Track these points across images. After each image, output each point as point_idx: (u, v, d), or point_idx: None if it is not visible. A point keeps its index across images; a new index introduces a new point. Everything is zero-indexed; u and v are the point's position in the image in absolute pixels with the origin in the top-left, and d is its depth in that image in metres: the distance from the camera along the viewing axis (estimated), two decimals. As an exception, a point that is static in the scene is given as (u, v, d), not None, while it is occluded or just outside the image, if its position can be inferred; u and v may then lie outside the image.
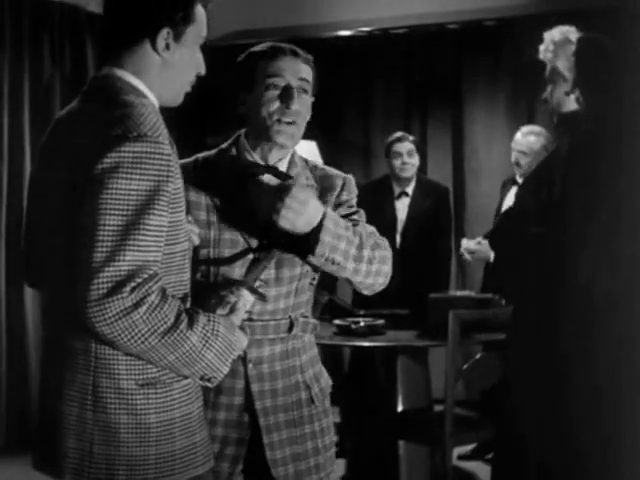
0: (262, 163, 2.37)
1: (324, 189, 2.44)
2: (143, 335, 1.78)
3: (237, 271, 2.31)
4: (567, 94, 3.12)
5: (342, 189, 2.45)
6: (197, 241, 2.20)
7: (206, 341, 1.87)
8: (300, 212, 2.18)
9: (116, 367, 1.86)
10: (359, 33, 7.05)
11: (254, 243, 2.32)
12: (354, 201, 2.48)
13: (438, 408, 4.39)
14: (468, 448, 5.20)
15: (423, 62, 7.01)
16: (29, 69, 5.94)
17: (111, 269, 1.75)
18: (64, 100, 5.96)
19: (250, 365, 2.35)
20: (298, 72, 2.33)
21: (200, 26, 2.01)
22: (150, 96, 1.97)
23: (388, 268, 2.40)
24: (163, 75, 1.98)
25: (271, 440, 2.36)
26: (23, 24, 5.89)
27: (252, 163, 2.36)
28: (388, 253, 2.41)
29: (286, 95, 2.30)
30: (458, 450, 4.96)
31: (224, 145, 2.44)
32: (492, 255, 5.25)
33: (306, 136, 2.62)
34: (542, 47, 3.22)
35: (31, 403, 5.75)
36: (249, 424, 2.36)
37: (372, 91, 7.15)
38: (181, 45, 1.98)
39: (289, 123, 2.32)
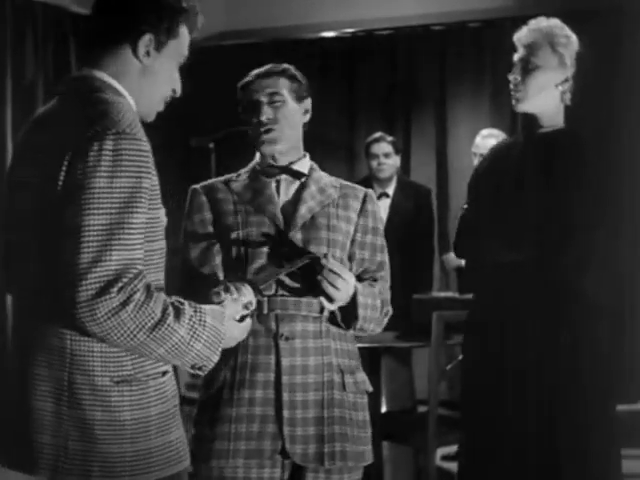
0: (277, 165, 2.60)
1: (345, 197, 2.60)
2: (132, 332, 1.80)
3: (264, 254, 2.46)
4: (556, 85, 2.93)
5: (364, 205, 2.60)
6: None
7: (194, 332, 1.89)
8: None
9: (91, 364, 1.87)
10: (343, 34, 7.06)
11: (279, 221, 2.50)
12: (381, 230, 2.63)
13: (422, 409, 4.41)
14: (452, 449, 5.21)
15: (407, 63, 7.01)
16: (12, 70, 5.90)
17: (99, 269, 1.77)
18: (47, 101, 5.91)
19: (282, 339, 2.43)
20: (265, 88, 2.57)
21: (183, 45, 2.05)
22: (128, 97, 1.98)
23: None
24: (141, 82, 2.00)
25: (293, 416, 2.41)
26: (6, 24, 5.85)
27: (270, 165, 2.61)
28: (388, 294, 2.61)
29: (256, 111, 2.57)
30: (442, 451, 4.97)
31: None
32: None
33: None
34: (534, 27, 2.97)
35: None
36: None
37: (356, 92, 7.14)
38: (161, 55, 2.00)
39: (266, 131, 2.56)
